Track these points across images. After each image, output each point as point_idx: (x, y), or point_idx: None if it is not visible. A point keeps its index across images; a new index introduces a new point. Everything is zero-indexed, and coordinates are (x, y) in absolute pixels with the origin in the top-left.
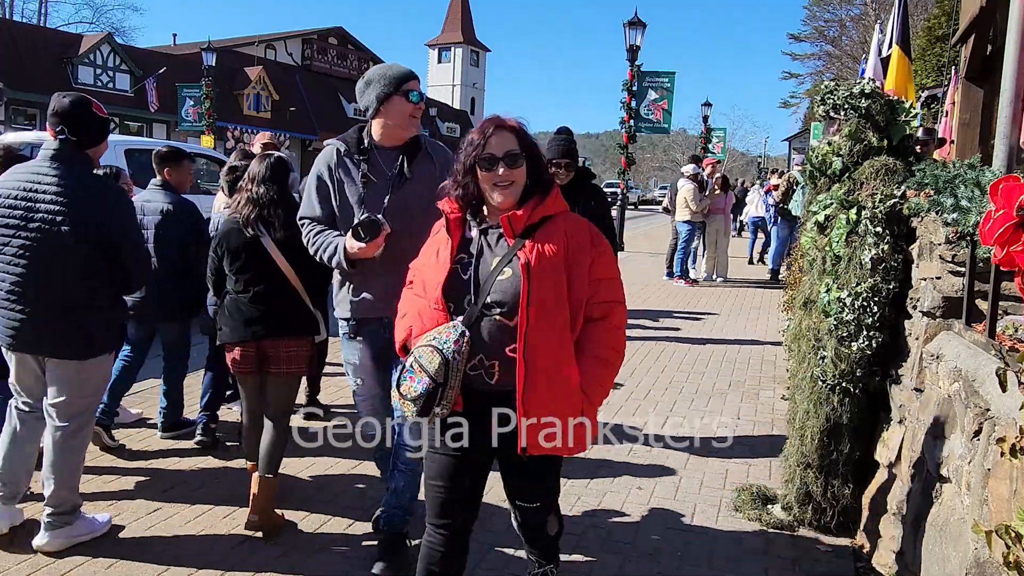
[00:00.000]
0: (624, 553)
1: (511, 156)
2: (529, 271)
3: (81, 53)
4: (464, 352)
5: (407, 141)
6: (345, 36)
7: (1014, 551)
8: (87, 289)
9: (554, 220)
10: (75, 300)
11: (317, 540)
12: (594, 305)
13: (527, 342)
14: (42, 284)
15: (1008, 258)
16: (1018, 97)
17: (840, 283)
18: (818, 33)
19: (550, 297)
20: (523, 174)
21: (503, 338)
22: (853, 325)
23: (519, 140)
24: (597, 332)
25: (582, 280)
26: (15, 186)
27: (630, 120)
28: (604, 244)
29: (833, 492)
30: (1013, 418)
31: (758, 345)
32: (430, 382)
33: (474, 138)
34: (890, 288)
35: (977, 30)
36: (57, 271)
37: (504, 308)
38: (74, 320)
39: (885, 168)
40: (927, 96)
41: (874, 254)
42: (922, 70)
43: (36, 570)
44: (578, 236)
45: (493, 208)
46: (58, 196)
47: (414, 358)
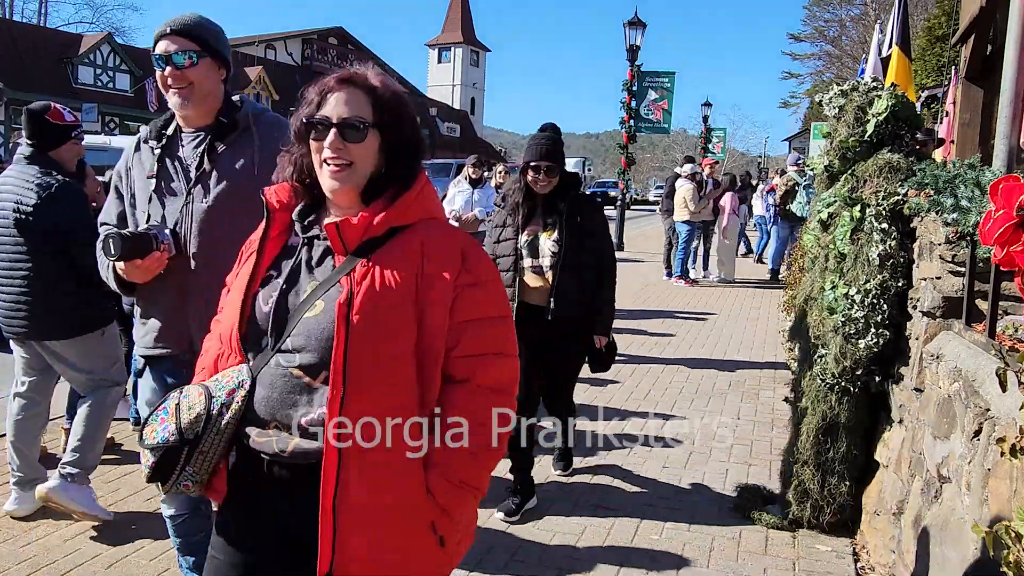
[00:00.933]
0: (624, 553)
1: (351, 124)
2: (349, 310)
3: (81, 53)
4: (236, 411)
5: (215, 119)
6: (345, 36)
7: (1014, 551)
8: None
9: (409, 232)
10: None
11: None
12: (454, 361)
13: (341, 414)
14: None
15: (1008, 258)
16: (1018, 97)
17: (847, 280)
18: (818, 33)
19: (383, 352)
20: (369, 154)
21: (300, 403)
22: (862, 323)
23: (374, 104)
24: (458, 401)
25: (438, 323)
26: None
27: (630, 120)
28: (483, 269)
29: (830, 489)
30: (1013, 418)
31: (758, 345)
32: (175, 434)
33: (310, 93)
34: (898, 286)
35: (977, 30)
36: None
37: (306, 359)
38: (57, 304)
39: (889, 165)
40: (927, 96)
41: (882, 250)
42: (922, 70)
43: (36, 570)
44: (440, 257)
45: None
46: (12, 193)
47: (178, 397)
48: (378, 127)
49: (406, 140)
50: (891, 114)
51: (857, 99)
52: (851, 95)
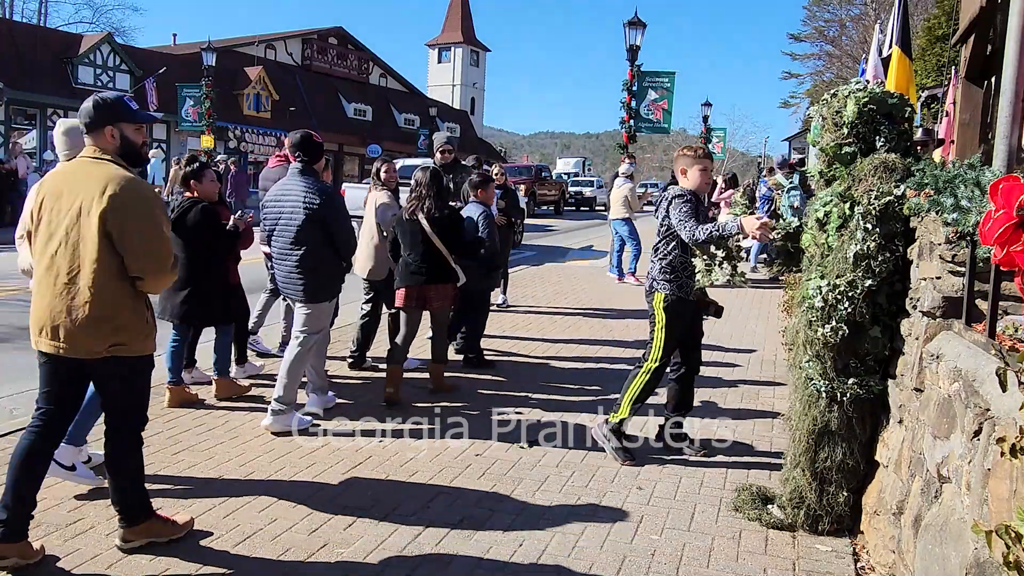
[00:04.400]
0: (624, 553)
1: None
2: None
3: (81, 53)
4: None
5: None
6: (345, 36)
7: (1014, 551)
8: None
9: None
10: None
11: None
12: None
13: None
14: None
15: (1008, 258)
16: (1018, 97)
17: (823, 271)
18: (818, 33)
19: None
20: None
21: None
22: (821, 312)
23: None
24: None
25: None
26: (273, 194)
27: (630, 120)
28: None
29: (828, 499)
30: (1013, 418)
31: (758, 345)
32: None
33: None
34: (867, 285)
35: (977, 30)
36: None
37: None
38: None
39: (884, 165)
40: (927, 96)
41: (858, 249)
42: (922, 70)
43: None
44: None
45: None
46: (294, 198)
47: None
48: None
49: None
50: (864, 114)
51: (836, 105)
52: (830, 103)
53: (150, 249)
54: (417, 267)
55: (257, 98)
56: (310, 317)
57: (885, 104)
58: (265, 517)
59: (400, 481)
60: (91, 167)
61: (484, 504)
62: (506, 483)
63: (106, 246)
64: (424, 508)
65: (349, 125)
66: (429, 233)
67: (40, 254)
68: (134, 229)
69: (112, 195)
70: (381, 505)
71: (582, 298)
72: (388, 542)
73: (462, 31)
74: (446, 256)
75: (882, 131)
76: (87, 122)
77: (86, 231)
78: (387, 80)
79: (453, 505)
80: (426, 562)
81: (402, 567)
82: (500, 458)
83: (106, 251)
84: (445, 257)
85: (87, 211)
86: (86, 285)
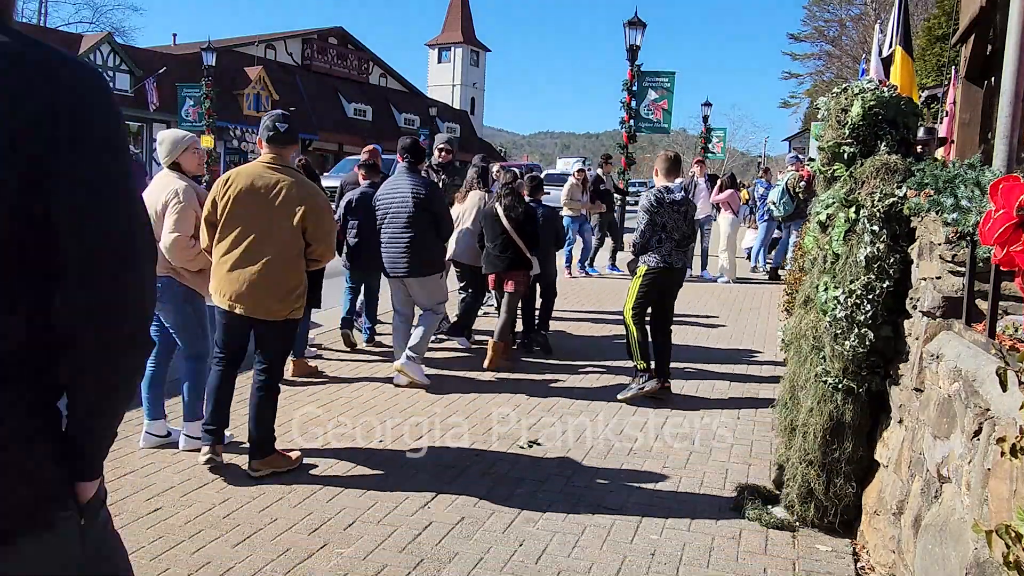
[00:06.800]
0: (624, 553)
1: None
2: None
3: (81, 53)
4: None
5: None
6: (345, 36)
7: (1014, 551)
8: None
9: None
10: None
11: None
12: None
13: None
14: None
15: (1008, 258)
16: (1018, 97)
17: (836, 281)
18: (818, 33)
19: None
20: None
21: None
22: (844, 323)
23: None
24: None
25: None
26: (384, 189)
27: (630, 120)
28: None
29: (836, 491)
30: (1013, 418)
31: (758, 345)
32: None
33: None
34: (884, 287)
35: (977, 30)
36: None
37: None
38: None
39: (885, 167)
40: (927, 96)
41: (869, 252)
42: (922, 70)
43: None
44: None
45: None
46: (405, 191)
47: None
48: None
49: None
50: (868, 116)
51: (843, 102)
52: (838, 98)
53: (330, 241)
54: (497, 255)
55: (257, 98)
56: (428, 291)
57: (891, 109)
58: (265, 517)
59: (400, 481)
60: (279, 173)
61: (484, 504)
62: (506, 483)
63: (298, 236)
64: (424, 508)
65: (349, 125)
66: (506, 227)
67: (233, 239)
68: (326, 227)
69: (308, 197)
70: (381, 505)
71: (582, 299)
72: (388, 542)
73: (462, 31)
74: (521, 247)
75: (883, 136)
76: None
77: (285, 223)
78: (387, 80)
79: (453, 505)
80: (426, 562)
81: (402, 567)
82: (500, 458)
83: (298, 239)
84: (520, 247)
85: (287, 211)
86: (280, 263)
